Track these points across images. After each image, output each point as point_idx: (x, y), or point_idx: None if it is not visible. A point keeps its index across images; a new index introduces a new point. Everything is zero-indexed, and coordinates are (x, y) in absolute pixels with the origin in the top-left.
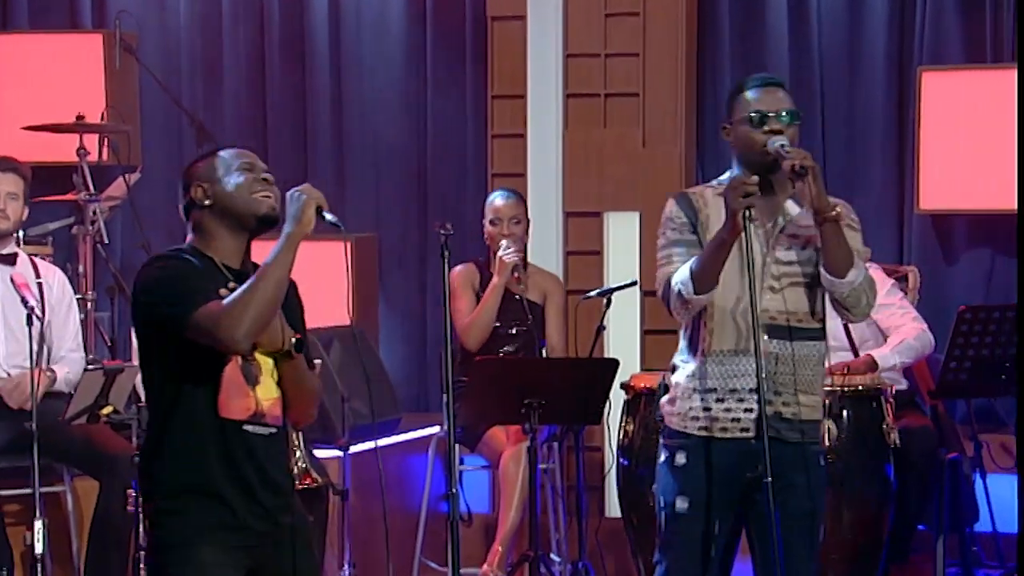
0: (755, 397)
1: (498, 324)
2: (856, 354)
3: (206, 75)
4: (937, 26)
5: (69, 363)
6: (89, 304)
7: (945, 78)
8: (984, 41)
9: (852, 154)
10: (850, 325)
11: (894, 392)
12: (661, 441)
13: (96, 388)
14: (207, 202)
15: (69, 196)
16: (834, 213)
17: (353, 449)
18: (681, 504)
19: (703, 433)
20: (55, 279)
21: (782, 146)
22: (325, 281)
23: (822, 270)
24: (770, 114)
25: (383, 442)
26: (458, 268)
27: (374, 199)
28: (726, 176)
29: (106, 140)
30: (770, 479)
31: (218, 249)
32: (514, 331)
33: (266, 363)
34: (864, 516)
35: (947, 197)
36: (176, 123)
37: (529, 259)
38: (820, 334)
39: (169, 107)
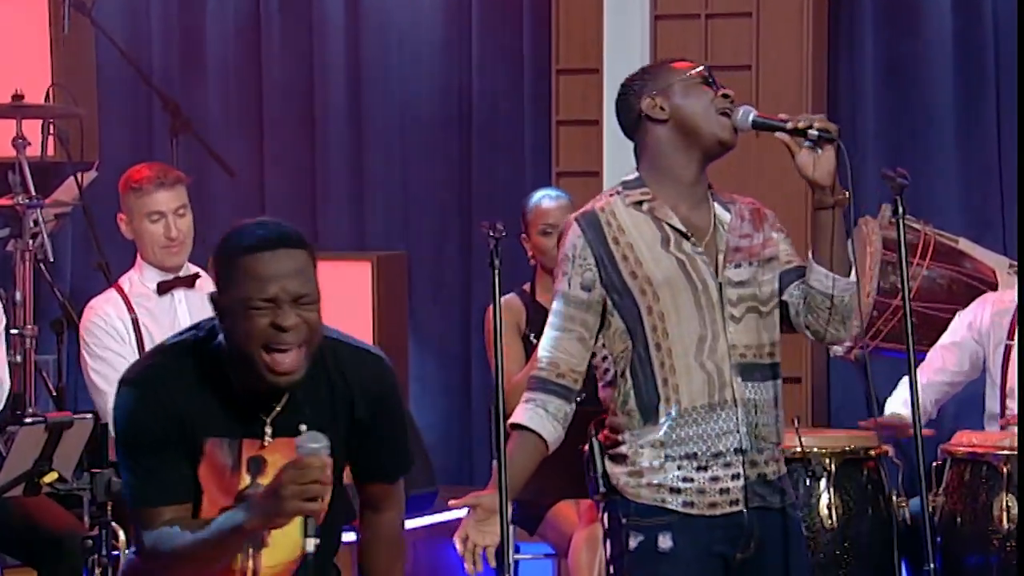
0: (741, 459)
1: None
2: None
3: (184, 44)
4: None
5: None
6: (28, 342)
7: None
8: None
9: None
10: None
11: None
12: (622, 520)
13: (36, 448)
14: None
15: (3, 201)
16: (844, 196)
17: None
18: None
19: (687, 509)
20: None
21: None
22: (340, 310)
23: (818, 268)
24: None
25: (414, 523)
26: None
27: (402, 205)
28: (632, 177)
29: (52, 127)
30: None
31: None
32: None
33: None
34: None
35: None
36: (144, 106)
37: None
38: (777, 370)
39: (135, 85)
